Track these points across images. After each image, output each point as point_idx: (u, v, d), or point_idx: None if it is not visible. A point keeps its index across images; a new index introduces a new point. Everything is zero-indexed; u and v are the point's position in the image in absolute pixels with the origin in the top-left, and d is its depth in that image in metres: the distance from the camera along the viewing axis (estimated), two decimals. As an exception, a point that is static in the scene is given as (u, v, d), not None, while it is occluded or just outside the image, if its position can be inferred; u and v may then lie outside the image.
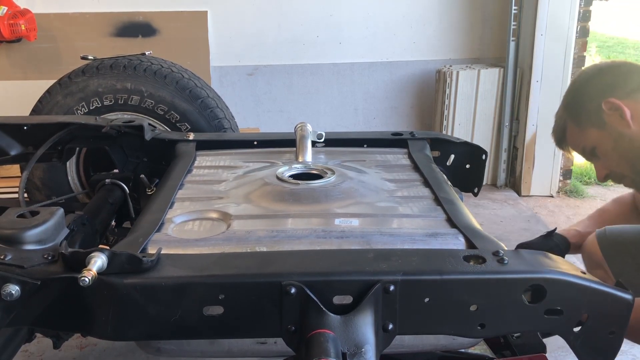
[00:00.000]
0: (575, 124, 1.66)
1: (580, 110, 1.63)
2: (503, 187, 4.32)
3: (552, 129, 1.77)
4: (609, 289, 1.16)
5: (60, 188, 2.56)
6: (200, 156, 1.95)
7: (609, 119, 1.57)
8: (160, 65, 2.60)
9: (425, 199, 1.59)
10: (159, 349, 1.31)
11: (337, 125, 4.40)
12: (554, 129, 1.76)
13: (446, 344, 1.33)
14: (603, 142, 1.60)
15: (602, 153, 1.63)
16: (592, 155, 1.66)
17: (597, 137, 1.61)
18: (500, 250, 1.21)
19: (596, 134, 1.61)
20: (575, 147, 1.71)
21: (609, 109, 1.56)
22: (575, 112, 1.66)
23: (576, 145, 1.70)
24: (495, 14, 4.27)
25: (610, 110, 1.56)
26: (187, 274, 1.14)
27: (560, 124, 1.72)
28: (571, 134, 1.69)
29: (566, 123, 1.69)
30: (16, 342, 1.47)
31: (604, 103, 1.56)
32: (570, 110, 1.67)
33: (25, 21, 3.65)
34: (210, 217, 1.46)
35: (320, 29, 4.21)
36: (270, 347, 1.29)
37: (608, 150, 1.61)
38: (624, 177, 1.65)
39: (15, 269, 1.13)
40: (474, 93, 4.11)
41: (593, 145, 1.63)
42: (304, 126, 1.92)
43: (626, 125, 1.55)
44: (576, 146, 1.70)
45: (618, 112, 1.55)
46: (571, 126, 1.68)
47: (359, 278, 1.13)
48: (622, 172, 1.64)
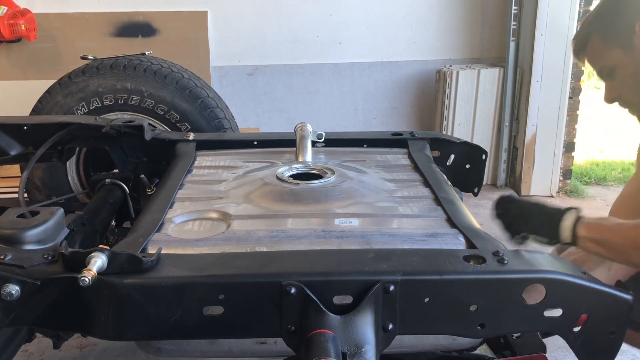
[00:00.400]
0: (601, 38, 1.56)
1: (611, 26, 1.55)
2: (503, 187, 4.32)
3: (575, 35, 1.67)
4: (608, 289, 1.16)
5: (60, 188, 2.56)
6: (200, 156, 1.95)
7: (638, 42, 1.50)
8: (160, 65, 2.60)
9: (425, 199, 1.59)
10: (159, 349, 1.31)
11: (337, 125, 4.40)
12: (577, 36, 1.65)
13: (446, 344, 1.33)
14: (625, 64, 1.53)
15: (620, 75, 1.56)
16: (608, 75, 1.59)
17: (620, 58, 1.54)
18: (500, 250, 1.21)
19: (621, 54, 1.53)
20: (594, 61, 1.62)
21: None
22: (604, 26, 1.56)
23: (595, 59, 1.61)
24: (495, 14, 4.27)
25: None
26: (187, 274, 1.14)
27: (585, 33, 1.61)
28: (594, 47, 1.59)
29: (591, 34, 1.59)
30: (16, 342, 1.47)
31: (638, 25, 1.48)
32: (600, 23, 1.57)
33: (25, 21, 3.65)
34: (210, 217, 1.46)
35: (320, 29, 4.21)
36: (270, 347, 1.29)
37: (627, 74, 1.54)
38: (631, 104, 1.59)
39: (15, 269, 1.13)
40: (474, 93, 4.11)
41: (613, 65, 1.56)
42: (304, 126, 1.92)
43: None
44: (595, 61, 1.61)
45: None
46: (596, 39, 1.58)
47: (359, 278, 1.13)
48: (632, 101, 1.58)
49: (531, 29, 3.92)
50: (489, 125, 4.20)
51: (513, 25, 4.02)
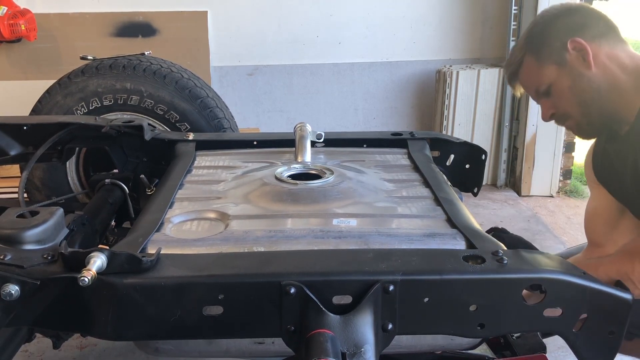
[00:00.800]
0: (535, 59, 1.63)
1: (544, 46, 1.61)
2: (503, 187, 4.32)
3: (507, 61, 1.73)
4: (608, 289, 1.16)
5: (60, 188, 2.56)
6: (200, 156, 1.95)
7: (571, 58, 1.56)
8: (160, 65, 2.60)
9: (425, 199, 1.59)
10: (158, 349, 1.31)
11: (337, 125, 4.40)
12: (509, 62, 1.71)
13: (445, 344, 1.33)
14: (561, 80, 1.59)
15: (556, 91, 1.61)
16: (544, 94, 1.64)
17: (555, 75, 1.60)
18: (499, 250, 1.21)
19: (555, 71, 1.59)
20: (530, 82, 1.67)
21: (573, 49, 1.55)
22: (537, 47, 1.63)
23: (531, 80, 1.67)
24: (495, 14, 4.27)
25: (574, 50, 1.55)
26: (186, 274, 1.14)
27: (517, 56, 1.68)
28: (528, 69, 1.66)
29: (524, 57, 1.65)
30: (16, 342, 1.47)
31: (570, 42, 1.55)
32: (533, 44, 1.64)
33: (25, 21, 3.65)
34: (208, 217, 1.46)
35: (320, 29, 4.21)
36: (269, 347, 1.29)
37: (564, 89, 1.60)
38: (569, 117, 1.64)
39: (14, 269, 1.13)
40: (474, 93, 4.11)
41: (549, 83, 1.61)
42: (303, 126, 1.92)
43: (587, 66, 1.55)
44: (530, 82, 1.67)
45: (581, 53, 1.55)
46: (530, 60, 1.64)
47: (359, 278, 1.13)
48: (570, 113, 1.63)
49: (531, 29, 3.92)
50: (489, 125, 4.20)
51: (513, 25, 4.02)
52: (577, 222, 3.79)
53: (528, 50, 1.65)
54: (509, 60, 1.72)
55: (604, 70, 1.55)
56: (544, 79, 1.62)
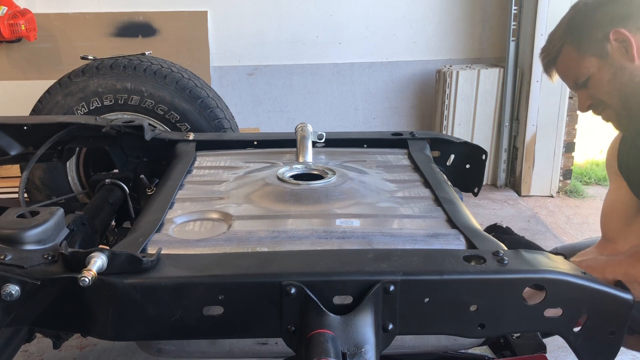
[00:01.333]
0: (575, 49, 1.56)
1: (585, 36, 1.54)
2: (503, 187, 4.32)
3: (544, 48, 1.67)
4: (609, 289, 1.16)
5: (60, 188, 2.56)
6: (201, 156, 1.95)
7: (612, 49, 1.50)
8: (160, 65, 2.60)
9: (426, 199, 1.59)
10: (160, 350, 1.31)
11: (337, 125, 4.40)
12: (547, 49, 1.65)
13: (446, 344, 1.33)
14: (601, 72, 1.54)
15: (595, 83, 1.56)
16: (582, 85, 1.59)
17: (595, 66, 1.54)
18: (500, 250, 1.21)
19: (595, 62, 1.53)
20: (568, 73, 1.61)
21: (615, 40, 1.49)
22: (578, 37, 1.56)
23: (569, 71, 1.60)
24: (495, 14, 4.27)
25: (617, 42, 1.49)
26: (187, 274, 1.14)
27: (556, 45, 1.61)
28: (567, 58, 1.59)
29: (564, 46, 1.59)
30: (16, 342, 1.47)
31: (613, 33, 1.49)
32: (573, 34, 1.57)
33: (25, 21, 3.65)
34: (211, 217, 1.46)
35: (320, 29, 4.21)
36: (271, 347, 1.29)
37: (603, 81, 1.54)
38: (607, 107, 1.59)
39: (15, 269, 1.13)
40: (474, 93, 4.11)
41: (589, 74, 1.56)
42: (304, 127, 1.92)
43: (630, 59, 1.49)
44: (569, 72, 1.61)
45: (624, 45, 1.49)
46: (569, 50, 1.58)
47: (359, 278, 1.13)
48: (609, 103, 1.57)
49: (531, 29, 3.93)
50: (489, 125, 4.20)
51: (513, 25, 4.02)
52: (577, 222, 3.79)
53: (568, 40, 1.58)
54: (547, 47, 1.65)
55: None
56: (584, 70, 1.56)
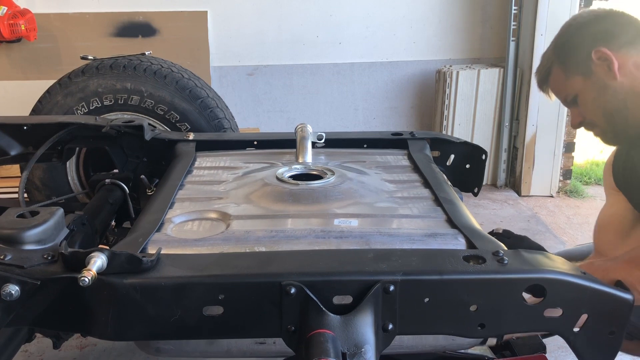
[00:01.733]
0: (561, 69, 1.63)
1: (569, 56, 1.60)
2: (503, 187, 4.32)
3: (537, 68, 1.73)
4: (609, 289, 1.16)
5: (60, 188, 2.56)
6: (200, 157, 1.95)
7: (596, 68, 1.55)
8: (160, 65, 2.60)
9: (425, 199, 1.59)
10: (159, 349, 1.31)
11: (337, 125, 4.40)
12: (539, 69, 1.72)
13: (446, 344, 1.33)
14: (586, 90, 1.58)
15: (582, 101, 1.61)
16: (572, 102, 1.64)
17: (581, 85, 1.59)
18: (500, 250, 1.21)
19: (581, 82, 1.59)
20: (558, 91, 1.68)
21: (598, 59, 1.54)
22: (563, 57, 1.62)
23: (559, 89, 1.67)
24: (495, 14, 4.27)
25: (599, 60, 1.54)
26: (186, 274, 1.14)
27: (546, 65, 1.68)
28: (556, 79, 1.66)
29: (552, 66, 1.66)
30: (16, 342, 1.47)
31: (594, 52, 1.54)
32: (559, 55, 1.64)
33: (25, 21, 3.66)
34: (209, 217, 1.46)
35: (320, 29, 4.21)
36: (269, 347, 1.29)
37: (589, 100, 1.59)
38: (595, 126, 1.64)
39: (15, 269, 1.13)
40: (474, 93, 4.11)
41: (575, 93, 1.61)
42: (304, 127, 1.92)
43: (612, 77, 1.53)
44: (559, 91, 1.68)
45: (606, 63, 1.53)
46: (557, 70, 1.64)
47: (359, 278, 1.13)
48: (595, 122, 1.62)
49: (531, 29, 3.93)
50: (489, 125, 4.20)
51: (513, 25, 4.02)
52: (577, 222, 3.79)
53: (555, 60, 1.64)
54: (539, 67, 1.72)
55: (631, 79, 1.53)
56: (570, 89, 1.62)
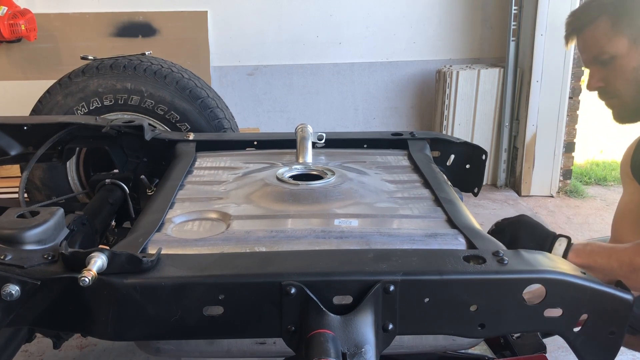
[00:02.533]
0: (610, 24, 1.48)
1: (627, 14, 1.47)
2: (503, 187, 4.32)
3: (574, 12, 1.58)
4: (609, 289, 1.16)
5: (60, 188, 2.56)
6: (201, 157, 1.95)
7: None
8: (160, 65, 2.60)
9: (426, 199, 1.59)
10: (159, 349, 1.31)
11: (337, 125, 4.40)
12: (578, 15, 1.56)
13: (446, 344, 1.33)
14: (628, 57, 1.48)
15: (618, 66, 1.49)
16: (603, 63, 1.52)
17: (625, 49, 1.48)
18: (500, 250, 1.21)
19: (626, 45, 1.47)
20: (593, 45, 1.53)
21: None
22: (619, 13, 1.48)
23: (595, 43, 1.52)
24: (495, 14, 4.27)
25: None
26: (187, 274, 1.14)
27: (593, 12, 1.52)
28: (599, 30, 1.51)
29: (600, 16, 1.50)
30: (16, 342, 1.47)
31: None
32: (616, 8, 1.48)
33: (25, 21, 3.66)
34: (209, 217, 1.46)
35: (320, 29, 4.21)
36: (270, 347, 1.29)
37: (627, 68, 1.48)
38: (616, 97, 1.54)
39: (15, 269, 1.13)
40: (474, 93, 4.11)
41: (614, 54, 1.49)
42: (304, 127, 1.92)
43: None
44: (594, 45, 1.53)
45: None
46: (604, 23, 1.49)
47: (359, 278, 1.13)
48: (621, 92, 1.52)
49: (531, 29, 3.93)
50: (489, 125, 4.20)
51: (513, 25, 4.02)
52: (577, 222, 3.80)
53: (606, 12, 1.50)
54: (580, 11, 1.57)
55: None
56: (611, 48, 1.49)
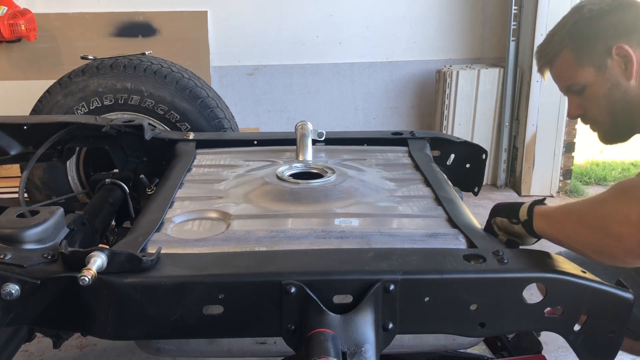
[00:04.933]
0: (574, 56, 1.50)
1: (586, 45, 1.48)
2: (503, 187, 4.32)
3: (541, 47, 1.60)
4: (609, 288, 1.16)
5: (60, 188, 2.56)
6: (200, 155, 1.95)
7: (612, 64, 1.45)
8: (160, 65, 2.60)
9: (426, 198, 1.59)
10: (159, 349, 1.31)
11: (337, 125, 4.39)
12: (544, 50, 1.58)
13: (446, 343, 1.33)
14: (597, 84, 1.48)
15: (590, 95, 1.51)
16: (578, 92, 1.53)
17: (592, 78, 1.48)
18: (500, 249, 1.21)
19: (593, 74, 1.48)
20: (562, 77, 1.56)
21: (617, 55, 1.44)
22: (579, 44, 1.49)
23: (564, 76, 1.55)
24: (495, 14, 4.27)
25: (618, 57, 1.44)
26: (186, 273, 1.14)
27: (555, 47, 1.54)
28: (564, 64, 1.53)
29: (562, 50, 1.52)
30: (16, 342, 1.47)
31: (616, 48, 1.43)
32: (575, 40, 1.50)
33: (25, 21, 3.65)
34: (209, 216, 1.46)
35: (320, 29, 4.21)
36: (269, 346, 1.29)
37: (598, 95, 1.49)
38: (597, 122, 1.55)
39: (15, 268, 1.13)
40: (474, 93, 4.11)
41: (584, 84, 1.50)
42: (304, 125, 1.92)
43: (627, 76, 1.44)
44: (563, 77, 1.55)
45: (624, 61, 1.43)
46: (568, 56, 1.51)
47: (359, 277, 1.13)
48: (599, 120, 1.54)
49: (531, 29, 3.92)
50: (489, 125, 4.20)
51: (513, 25, 4.02)
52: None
53: (568, 45, 1.51)
54: (544, 47, 1.59)
55: None
56: (579, 79, 1.51)
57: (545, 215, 1.27)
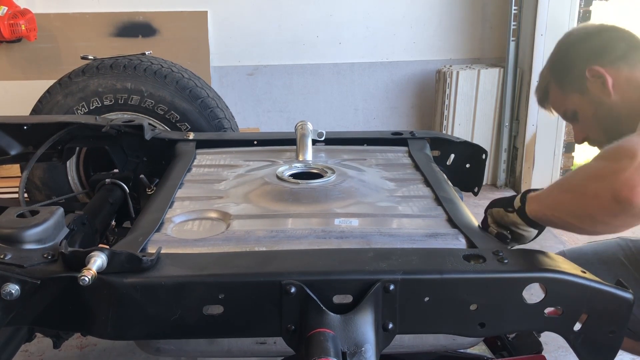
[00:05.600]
0: (558, 87, 1.65)
1: (565, 74, 1.62)
2: (503, 187, 4.32)
3: (536, 87, 1.76)
4: (609, 288, 1.16)
5: (60, 188, 2.56)
6: (200, 155, 1.95)
7: (591, 85, 1.56)
8: (160, 65, 2.60)
9: (426, 198, 1.59)
10: (159, 349, 1.31)
11: (337, 125, 4.39)
12: (538, 88, 1.75)
13: (446, 343, 1.33)
14: (584, 107, 1.60)
15: (582, 118, 1.63)
16: (573, 119, 1.66)
17: (578, 102, 1.61)
18: (500, 249, 1.21)
19: (578, 99, 1.60)
20: (557, 108, 1.70)
21: (592, 76, 1.55)
22: (559, 76, 1.64)
23: (558, 106, 1.70)
24: (495, 14, 4.27)
25: (593, 78, 1.55)
26: (186, 273, 1.14)
27: (543, 84, 1.70)
28: (554, 96, 1.68)
29: (549, 84, 1.68)
30: (16, 342, 1.47)
31: (588, 70, 1.55)
32: (555, 73, 1.66)
33: (25, 21, 3.65)
34: (209, 216, 1.46)
35: (320, 29, 4.21)
36: (269, 347, 1.29)
37: (588, 116, 1.61)
38: (599, 142, 1.65)
39: (15, 268, 1.13)
40: (474, 93, 4.11)
41: (575, 110, 1.63)
42: (304, 124, 1.92)
43: (607, 94, 1.54)
44: (558, 107, 1.70)
45: (600, 80, 1.54)
46: (554, 88, 1.66)
47: (359, 277, 1.13)
48: (597, 138, 1.64)
49: (531, 29, 3.92)
50: (489, 125, 4.20)
51: (513, 25, 4.02)
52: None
53: (551, 79, 1.66)
54: (537, 86, 1.75)
55: (622, 95, 1.53)
56: (569, 106, 1.63)
57: (536, 196, 1.31)
